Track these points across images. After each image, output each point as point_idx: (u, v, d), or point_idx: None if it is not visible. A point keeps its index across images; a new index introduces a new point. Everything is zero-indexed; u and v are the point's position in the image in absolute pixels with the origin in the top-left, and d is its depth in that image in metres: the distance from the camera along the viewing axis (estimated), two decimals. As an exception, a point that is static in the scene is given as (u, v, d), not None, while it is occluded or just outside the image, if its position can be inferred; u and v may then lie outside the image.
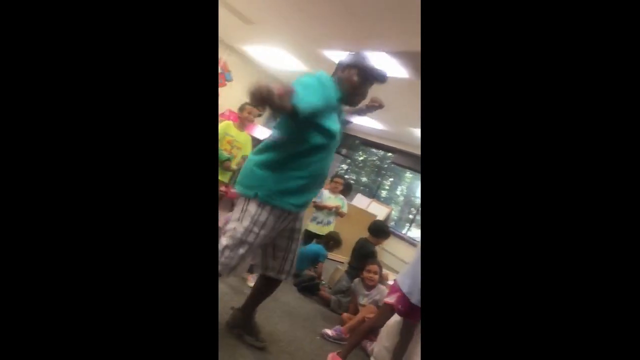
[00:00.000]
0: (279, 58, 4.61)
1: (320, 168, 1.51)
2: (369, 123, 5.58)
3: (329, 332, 2.28)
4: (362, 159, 9.43)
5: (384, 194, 8.22)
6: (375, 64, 1.54)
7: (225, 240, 1.48)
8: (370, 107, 1.72)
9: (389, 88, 1.65)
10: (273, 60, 4.90)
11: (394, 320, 2.00)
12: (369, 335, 2.19)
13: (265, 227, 1.47)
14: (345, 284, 2.96)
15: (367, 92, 1.56)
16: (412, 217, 6.99)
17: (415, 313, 1.80)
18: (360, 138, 6.91)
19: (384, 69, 1.55)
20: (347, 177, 3.74)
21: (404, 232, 6.41)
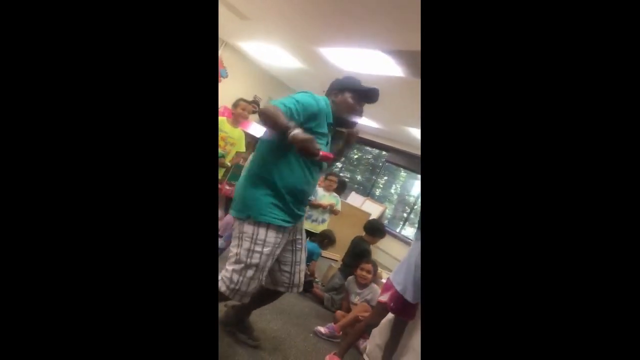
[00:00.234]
0: (275, 55, 4.59)
1: (305, 183, 1.48)
2: (364, 121, 5.58)
3: (322, 329, 2.28)
4: (356, 157, 9.45)
5: (378, 192, 8.24)
6: (366, 85, 1.56)
7: (231, 267, 1.45)
8: (349, 140, 1.63)
9: (385, 87, 1.65)
10: (268, 57, 4.88)
11: (386, 318, 2.00)
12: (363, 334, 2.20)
13: (267, 244, 1.45)
14: (339, 282, 2.97)
15: (362, 111, 1.57)
16: (406, 215, 7.01)
17: (408, 311, 1.80)
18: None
19: (375, 89, 1.55)
20: (341, 175, 3.74)
21: (398, 230, 6.43)
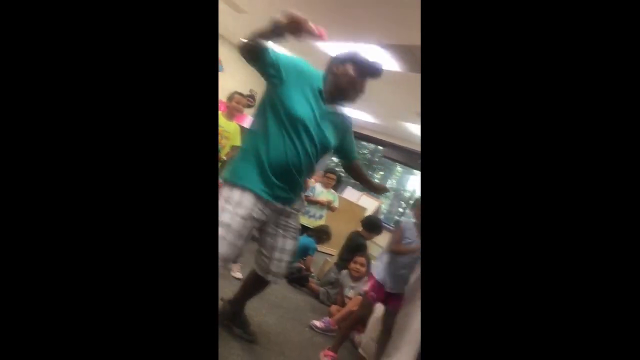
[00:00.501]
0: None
1: (284, 155, 1.39)
2: (361, 116, 5.56)
3: (317, 323, 2.29)
4: (353, 152, 9.50)
5: (374, 188, 8.29)
6: (370, 58, 1.49)
7: None
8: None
9: (382, 81, 1.62)
10: (264, 51, 4.85)
11: (380, 312, 2.01)
12: (357, 327, 2.20)
13: (240, 206, 1.37)
14: (334, 276, 2.98)
15: (364, 86, 1.50)
16: (401, 210, 7.03)
17: (392, 301, 1.80)
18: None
19: (379, 62, 1.49)
20: (337, 169, 3.75)
21: (394, 225, 6.46)
